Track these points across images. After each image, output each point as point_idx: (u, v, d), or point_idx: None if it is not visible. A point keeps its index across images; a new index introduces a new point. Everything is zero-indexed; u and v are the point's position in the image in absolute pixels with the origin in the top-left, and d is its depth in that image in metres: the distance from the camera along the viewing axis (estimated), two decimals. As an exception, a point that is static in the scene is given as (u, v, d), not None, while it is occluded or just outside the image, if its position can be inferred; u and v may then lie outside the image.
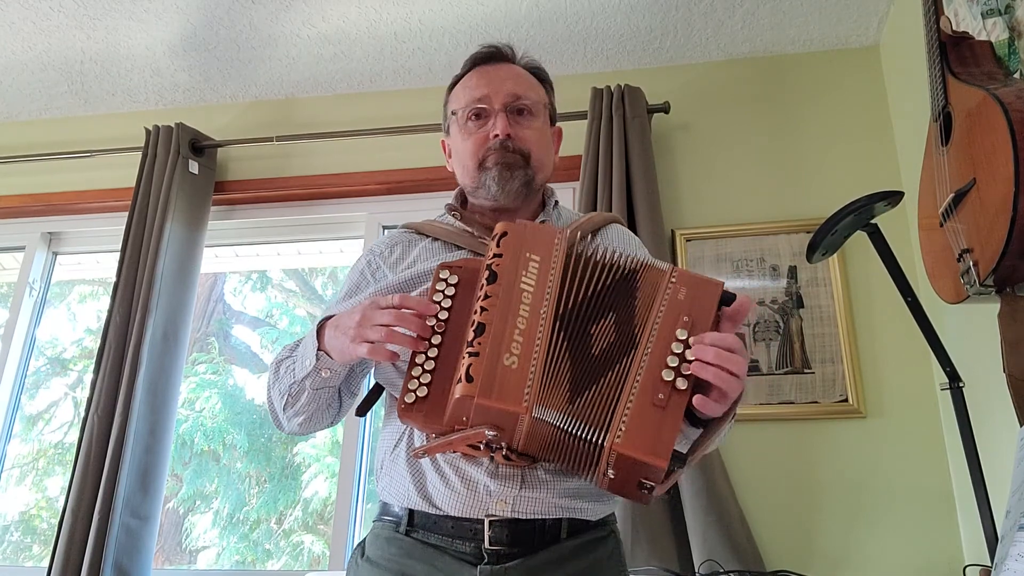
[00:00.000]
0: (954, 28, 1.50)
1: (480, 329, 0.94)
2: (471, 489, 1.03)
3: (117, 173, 2.64)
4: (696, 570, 1.83)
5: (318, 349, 1.07)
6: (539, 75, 1.29)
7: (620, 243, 1.24)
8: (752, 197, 2.30)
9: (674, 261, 2.24)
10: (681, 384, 0.91)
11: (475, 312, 0.96)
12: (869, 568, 1.91)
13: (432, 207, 2.50)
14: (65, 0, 2.28)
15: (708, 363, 0.90)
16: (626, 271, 1.01)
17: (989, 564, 1.31)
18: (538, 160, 1.21)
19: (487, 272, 0.99)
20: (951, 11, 1.67)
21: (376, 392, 1.22)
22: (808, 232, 2.07)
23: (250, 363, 3.87)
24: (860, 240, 1.57)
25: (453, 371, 0.94)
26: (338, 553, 2.19)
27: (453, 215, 1.24)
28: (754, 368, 2.12)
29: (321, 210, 2.61)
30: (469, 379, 0.91)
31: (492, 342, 0.93)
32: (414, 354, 0.98)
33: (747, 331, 2.15)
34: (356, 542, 2.20)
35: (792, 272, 2.20)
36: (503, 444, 0.98)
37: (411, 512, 1.08)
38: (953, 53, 1.45)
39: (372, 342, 0.97)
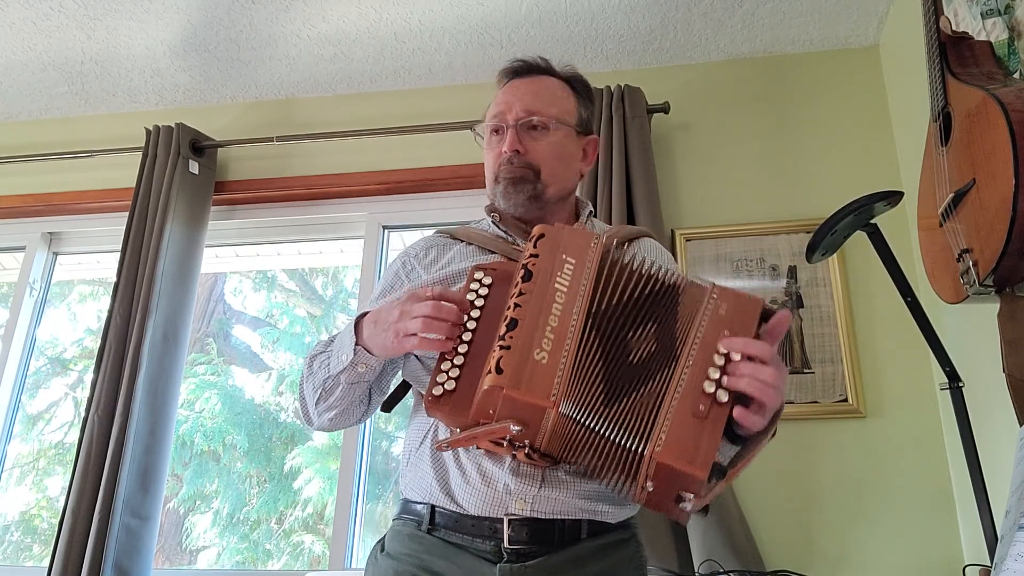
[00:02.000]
0: (954, 28, 1.50)
1: (512, 324, 0.96)
2: (491, 487, 1.05)
3: (117, 173, 2.65)
4: (696, 570, 1.83)
5: (356, 343, 1.09)
6: (573, 85, 1.31)
7: (655, 255, 1.26)
8: (752, 197, 2.31)
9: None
10: (722, 396, 0.92)
11: (508, 308, 0.98)
12: (869, 568, 1.91)
13: (432, 207, 2.53)
14: (65, 0, 2.28)
15: (744, 374, 0.91)
16: (666, 284, 1.02)
17: (989, 564, 1.31)
18: (550, 173, 1.22)
19: (523, 271, 1.01)
20: (951, 11, 1.67)
21: (403, 389, 1.25)
22: (808, 232, 2.07)
23: (250, 363, 3.87)
24: (860, 240, 1.57)
25: (482, 367, 0.96)
26: (338, 553, 2.19)
27: (493, 216, 1.27)
28: (754, 368, 2.12)
29: (321, 210, 2.61)
30: (499, 371, 0.92)
31: (524, 337, 0.94)
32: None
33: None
34: (355, 542, 2.22)
35: (792, 272, 2.20)
36: (526, 442, 0.98)
37: (432, 510, 1.10)
38: (953, 53, 1.45)
39: (414, 334, 0.99)
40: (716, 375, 0.93)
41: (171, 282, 2.37)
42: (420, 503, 1.12)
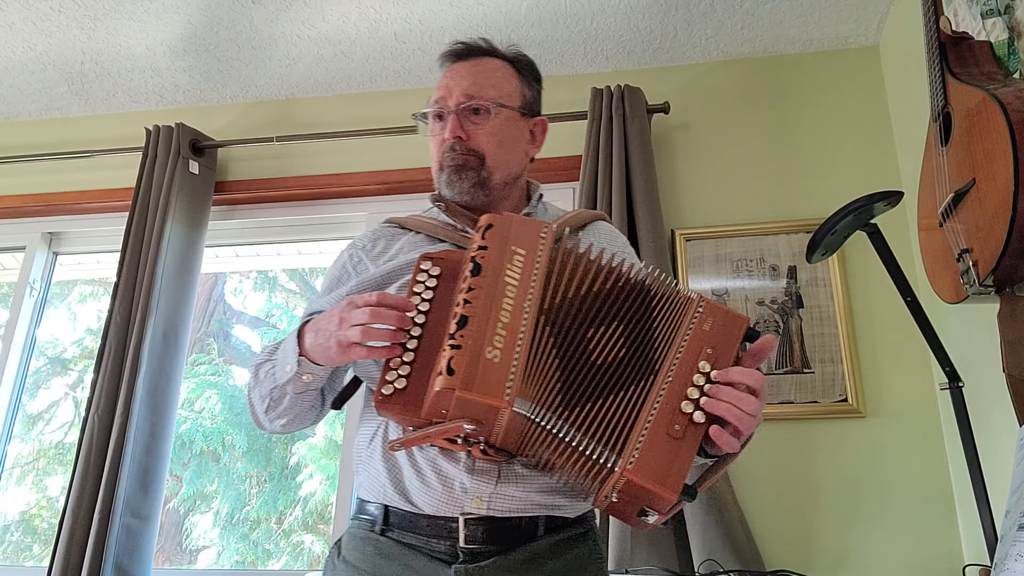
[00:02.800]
0: (954, 28, 1.50)
1: (463, 322, 0.92)
2: (447, 486, 1.02)
3: (117, 173, 2.64)
4: (696, 570, 1.83)
5: (300, 354, 1.05)
6: (517, 66, 1.27)
7: (607, 241, 1.23)
8: (752, 197, 2.31)
9: (674, 261, 2.24)
10: (699, 418, 0.90)
11: (457, 305, 0.94)
12: (869, 568, 1.91)
13: (432, 207, 2.52)
14: (65, 0, 2.28)
15: (723, 400, 0.90)
16: (633, 282, 1.00)
17: (989, 564, 1.31)
18: (494, 159, 1.19)
19: (471, 264, 0.97)
20: (951, 11, 1.67)
21: (354, 385, 1.21)
22: (808, 232, 2.07)
23: (250, 363, 3.87)
24: (860, 240, 1.57)
25: (432, 363, 0.93)
26: (338, 553, 2.19)
27: (438, 205, 1.23)
28: (754, 368, 2.12)
29: (321, 210, 2.61)
30: (451, 372, 0.89)
31: (474, 335, 0.91)
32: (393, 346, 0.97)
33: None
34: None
35: (792, 272, 2.20)
36: (481, 439, 0.96)
37: (386, 510, 1.07)
38: (953, 53, 1.45)
39: (354, 343, 0.96)
40: (695, 395, 0.91)
41: (171, 282, 2.37)
42: (373, 503, 1.09)
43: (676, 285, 1.02)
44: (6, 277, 3.02)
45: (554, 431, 0.91)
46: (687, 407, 0.90)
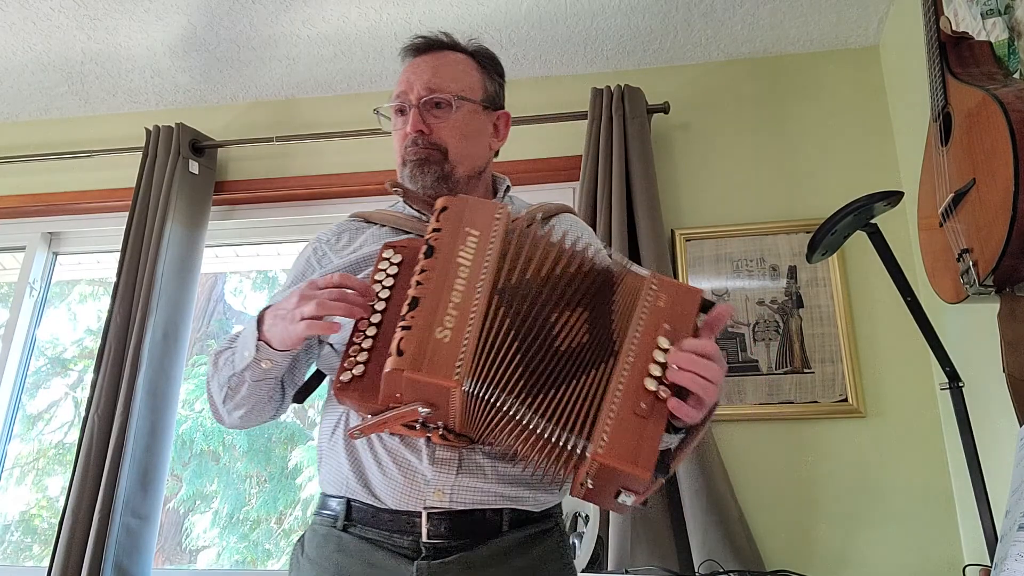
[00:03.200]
0: (954, 28, 1.50)
1: (414, 303, 0.92)
2: (408, 478, 1.02)
3: (117, 173, 2.64)
4: (696, 570, 1.83)
5: (258, 339, 1.04)
6: (478, 59, 1.27)
7: (575, 230, 1.22)
8: (752, 197, 2.31)
9: (674, 261, 2.24)
10: (664, 393, 0.89)
11: (410, 287, 0.94)
12: (869, 568, 1.91)
13: (432, 207, 2.52)
14: (65, 0, 2.28)
15: (684, 369, 0.89)
16: (597, 267, 0.99)
17: (989, 564, 1.31)
18: (457, 152, 1.19)
19: (425, 247, 0.97)
20: (951, 11, 1.67)
21: (317, 378, 1.19)
22: (808, 232, 2.07)
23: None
24: (860, 240, 1.57)
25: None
26: (338, 553, 2.19)
27: (396, 191, 1.23)
28: (754, 368, 2.12)
29: (321, 210, 2.61)
30: (400, 353, 0.88)
31: (425, 315, 0.91)
32: (352, 334, 0.96)
33: (747, 331, 2.15)
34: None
35: (792, 272, 2.20)
36: (439, 423, 0.95)
37: (349, 505, 1.06)
38: (953, 53, 1.45)
39: (311, 317, 0.95)
40: (657, 372, 0.90)
41: (171, 282, 2.37)
42: (336, 497, 1.08)
43: (630, 266, 1.02)
44: (6, 277, 3.02)
45: (516, 417, 0.90)
46: (650, 384, 0.90)
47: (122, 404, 2.19)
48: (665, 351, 0.92)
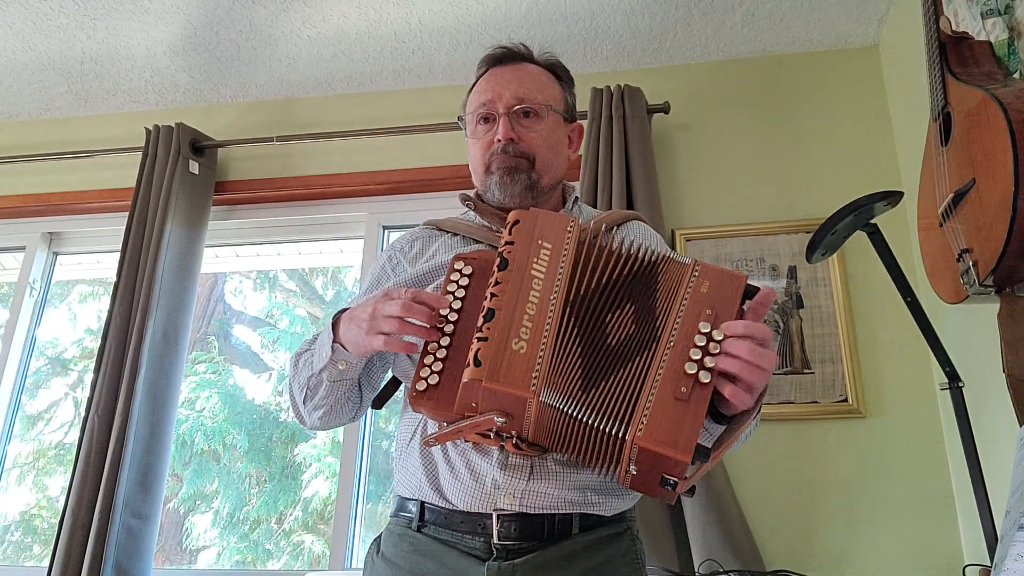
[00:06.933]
0: (954, 28, 1.50)
1: (490, 315, 0.94)
2: (479, 481, 1.04)
3: (117, 173, 2.65)
4: (696, 570, 1.83)
5: (333, 341, 1.08)
6: (556, 72, 1.30)
7: (641, 238, 1.24)
8: (752, 197, 2.31)
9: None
10: (704, 377, 0.90)
11: (486, 298, 0.97)
12: (869, 568, 1.91)
13: (432, 207, 2.53)
14: (65, 0, 2.28)
15: (729, 354, 0.90)
16: (645, 263, 1.01)
17: (989, 564, 1.31)
18: (544, 162, 1.22)
19: (499, 259, 0.99)
20: (951, 11, 1.67)
21: (393, 385, 1.23)
22: (808, 232, 2.07)
23: (250, 363, 3.87)
24: (860, 240, 1.57)
25: (465, 359, 0.95)
26: (338, 553, 2.19)
27: (467, 205, 1.25)
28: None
29: (321, 210, 2.61)
30: (477, 363, 0.91)
31: (501, 327, 0.93)
32: (426, 343, 0.99)
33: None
34: (355, 542, 2.22)
35: (792, 272, 2.20)
36: (513, 432, 0.97)
37: (423, 507, 1.09)
38: (953, 53, 1.45)
39: (386, 333, 0.99)
40: (698, 356, 0.91)
41: (171, 282, 2.37)
42: (411, 499, 1.11)
43: (672, 255, 1.04)
44: (6, 277, 3.02)
45: (571, 413, 0.92)
46: (691, 368, 0.91)
47: (122, 404, 2.19)
48: (707, 335, 0.93)
